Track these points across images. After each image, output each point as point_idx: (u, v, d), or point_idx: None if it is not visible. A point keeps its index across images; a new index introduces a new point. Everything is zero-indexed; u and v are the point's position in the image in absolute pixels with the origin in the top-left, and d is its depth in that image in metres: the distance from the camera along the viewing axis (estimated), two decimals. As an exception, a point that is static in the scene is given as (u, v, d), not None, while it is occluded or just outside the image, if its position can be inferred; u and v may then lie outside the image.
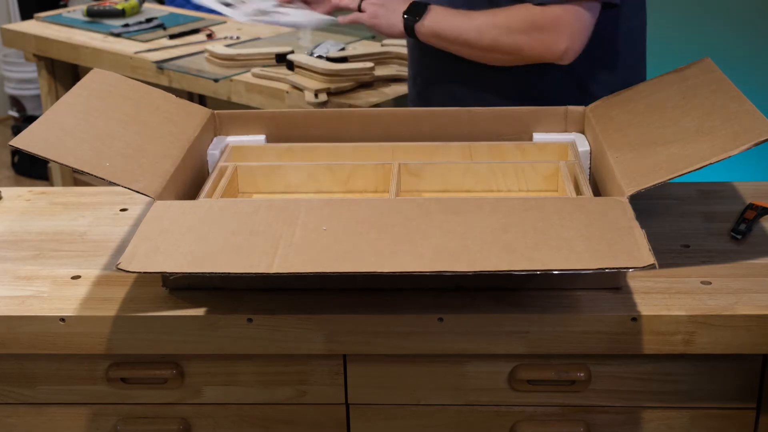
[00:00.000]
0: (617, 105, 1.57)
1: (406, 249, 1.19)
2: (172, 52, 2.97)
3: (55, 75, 3.39)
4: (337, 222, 1.25)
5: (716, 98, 1.42)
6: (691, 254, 1.40)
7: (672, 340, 1.25)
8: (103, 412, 1.38)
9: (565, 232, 1.20)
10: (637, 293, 1.28)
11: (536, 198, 1.30)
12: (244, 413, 1.37)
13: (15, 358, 1.34)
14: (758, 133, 1.28)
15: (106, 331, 1.28)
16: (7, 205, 1.63)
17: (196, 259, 1.19)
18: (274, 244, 1.20)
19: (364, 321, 1.27)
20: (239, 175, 1.56)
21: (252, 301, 1.29)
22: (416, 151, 1.60)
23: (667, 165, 1.33)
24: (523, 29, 1.61)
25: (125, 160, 1.38)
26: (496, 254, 1.17)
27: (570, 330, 1.25)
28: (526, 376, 1.31)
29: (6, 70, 4.69)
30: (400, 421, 1.36)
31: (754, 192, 1.59)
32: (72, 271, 1.40)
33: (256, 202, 1.35)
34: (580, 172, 1.47)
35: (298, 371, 1.33)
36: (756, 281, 1.31)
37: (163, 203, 1.32)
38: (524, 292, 1.29)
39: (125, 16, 3.33)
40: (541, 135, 1.59)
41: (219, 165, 1.55)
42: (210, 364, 1.33)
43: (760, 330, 1.24)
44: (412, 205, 1.29)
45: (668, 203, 1.56)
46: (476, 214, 1.26)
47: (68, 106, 1.46)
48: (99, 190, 1.67)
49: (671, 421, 1.34)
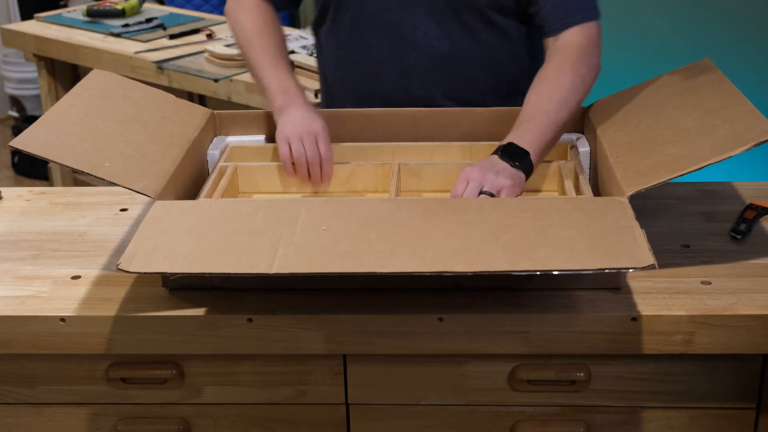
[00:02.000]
0: (617, 105, 1.57)
1: (406, 249, 1.18)
2: (172, 52, 2.97)
3: (55, 75, 3.39)
4: (337, 222, 1.25)
5: (716, 98, 1.42)
6: (691, 254, 1.39)
7: (672, 340, 1.25)
8: (103, 412, 1.38)
9: (565, 232, 1.20)
10: (637, 293, 1.28)
11: (535, 198, 1.30)
12: (244, 413, 1.37)
13: (15, 358, 1.34)
14: (758, 134, 1.28)
15: (106, 331, 1.28)
16: (7, 205, 1.63)
17: (197, 260, 1.19)
18: (274, 245, 1.20)
19: (364, 321, 1.27)
20: (239, 175, 1.56)
21: (252, 301, 1.29)
22: (416, 151, 1.60)
23: (667, 165, 1.33)
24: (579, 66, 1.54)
25: (125, 161, 1.38)
26: (497, 254, 1.17)
27: (570, 330, 1.25)
28: (526, 376, 1.31)
29: (6, 70, 4.69)
30: (400, 421, 1.36)
31: (754, 192, 1.59)
32: (72, 271, 1.40)
33: (256, 202, 1.35)
34: (580, 172, 1.47)
35: (298, 371, 1.33)
36: (756, 281, 1.31)
37: (163, 203, 1.32)
38: (524, 292, 1.29)
39: (125, 16, 3.34)
40: None
41: (219, 165, 1.55)
42: (210, 364, 1.33)
43: (760, 330, 1.24)
44: (412, 205, 1.29)
45: (668, 203, 1.56)
46: (476, 214, 1.26)
47: (68, 107, 1.46)
48: (99, 190, 1.67)
49: (671, 421, 1.34)
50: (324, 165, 1.54)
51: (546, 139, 1.46)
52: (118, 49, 3.03)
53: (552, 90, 1.50)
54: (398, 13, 1.65)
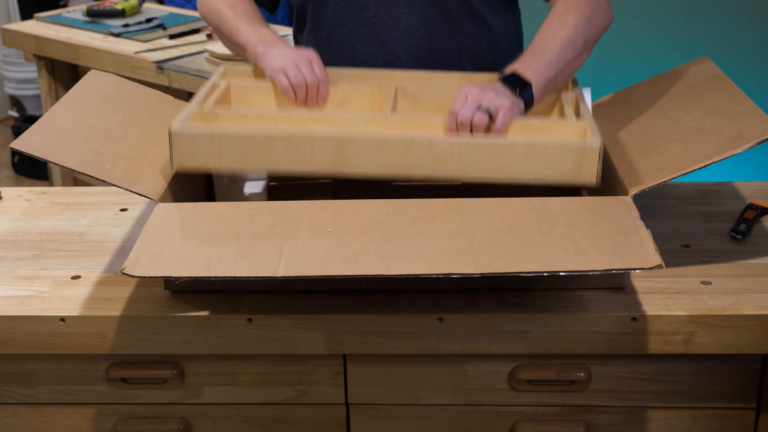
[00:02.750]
0: (618, 104, 1.56)
1: (411, 251, 1.18)
2: (172, 52, 2.97)
3: (55, 75, 3.39)
4: (342, 224, 1.25)
5: (717, 97, 1.42)
6: (691, 254, 1.39)
7: (672, 340, 1.25)
8: (103, 412, 1.38)
9: (571, 232, 1.20)
10: (638, 293, 1.28)
11: (540, 198, 1.29)
12: (244, 413, 1.37)
13: (15, 358, 1.34)
14: (761, 131, 1.28)
15: (106, 331, 1.28)
16: (7, 205, 1.63)
17: (201, 264, 1.18)
18: (279, 247, 1.19)
19: (364, 321, 1.27)
20: (232, 93, 1.54)
21: (252, 301, 1.29)
22: (414, 78, 1.58)
23: (669, 164, 1.32)
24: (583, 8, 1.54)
25: (126, 162, 1.38)
26: (503, 255, 1.16)
27: (570, 330, 1.25)
28: (526, 376, 1.31)
29: (6, 70, 4.69)
30: (400, 421, 1.36)
31: (754, 192, 1.59)
32: (72, 271, 1.40)
33: (259, 204, 1.35)
34: (581, 100, 1.46)
35: (298, 371, 1.33)
36: (756, 281, 1.31)
37: (165, 206, 1.32)
38: (525, 292, 1.29)
39: (125, 16, 3.33)
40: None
41: (211, 81, 1.53)
42: (210, 364, 1.33)
43: (760, 330, 1.24)
44: (416, 206, 1.29)
45: (668, 203, 1.56)
46: (480, 215, 1.25)
47: (67, 108, 1.46)
48: (99, 190, 1.67)
49: (671, 421, 1.34)
50: (321, 87, 1.52)
51: (549, 74, 1.46)
52: (118, 49, 3.02)
53: (556, 28, 1.51)
54: (379, 7, 1.65)
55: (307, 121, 1.43)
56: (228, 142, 1.34)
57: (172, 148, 1.35)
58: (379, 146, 1.33)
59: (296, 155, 1.34)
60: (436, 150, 1.32)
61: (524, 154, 1.31)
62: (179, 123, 1.35)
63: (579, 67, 1.53)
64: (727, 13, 3.03)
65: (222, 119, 1.42)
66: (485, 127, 1.37)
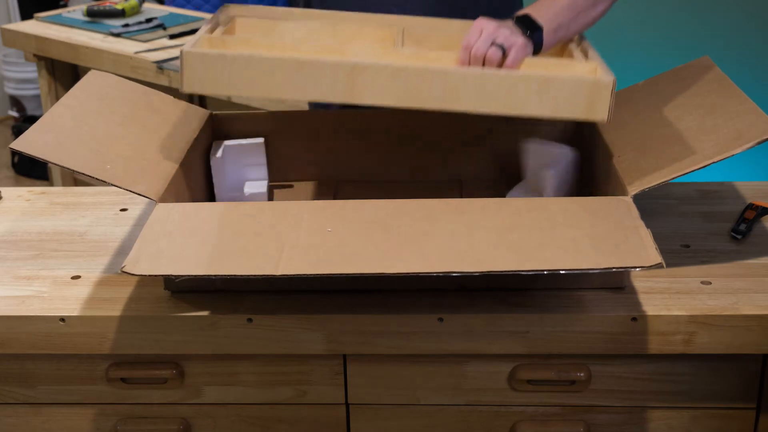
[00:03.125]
0: (618, 104, 1.56)
1: (412, 250, 1.18)
2: (172, 52, 2.97)
3: (55, 75, 3.39)
4: (342, 223, 1.25)
5: (717, 97, 1.42)
6: (691, 254, 1.39)
7: (672, 340, 1.25)
8: (103, 412, 1.38)
9: (571, 231, 1.20)
10: (638, 293, 1.28)
11: (540, 198, 1.30)
12: (244, 413, 1.37)
13: (15, 358, 1.34)
14: (761, 131, 1.28)
15: (106, 331, 1.28)
16: (7, 205, 1.63)
17: (202, 262, 1.18)
18: (279, 246, 1.20)
19: (364, 321, 1.27)
20: (237, 29, 1.52)
21: (252, 301, 1.29)
22: (421, 22, 1.57)
23: (670, 164, 1.32)
24: None
25: (126, 163, 1.38)
26: (503, 254, 1.16)
27: (570, 330, 1.25)
28: (526, 376, 1.31)
29: (6, 70, 4.69)
30: (400, 421, 1.36)
31: (754, 192, 1.59)
32: (72, 271, 1.40)
33: (260, 204, 1.35)
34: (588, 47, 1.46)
35: (298, 371, 1.33)
36: (756, 281, 1.31)
37: (165, 206, 1.32)
38: (525, 292, 1.29)
39: (125, 16, 3.33)
40: (538, 143, 1.58)
41: (217, 16, 1.52)
42: (210, 364, 1.33)
43: (761, 330, 1.24)
44: (416, 206, 1.29)
45: (668, 203, 1.56)
46: (480, 214, 1.25)
47: (66, 109, 1.46)
48: (99, 190, 1.67)
49: (671, 421, 1.34)
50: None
51: (560, 20, 1.45)
52: (118, 49, 3.02)
53: None
54: None
55: (317, 50, 1.41)
56: (240, 65, 1.30)
57: (183, 70, 1.32)
58: (392, 75, 1.30)
59: (308, 81, 1.31)
60: (449, 81, 1.31)
61: (538, 88, 1.30)
62: (191, 44, 1.33)
63: (594, 20, 1.52)
64: (727, 13, 3.03)
65: (231, 45, 1.40)
66: (498, 62, 1.36)
